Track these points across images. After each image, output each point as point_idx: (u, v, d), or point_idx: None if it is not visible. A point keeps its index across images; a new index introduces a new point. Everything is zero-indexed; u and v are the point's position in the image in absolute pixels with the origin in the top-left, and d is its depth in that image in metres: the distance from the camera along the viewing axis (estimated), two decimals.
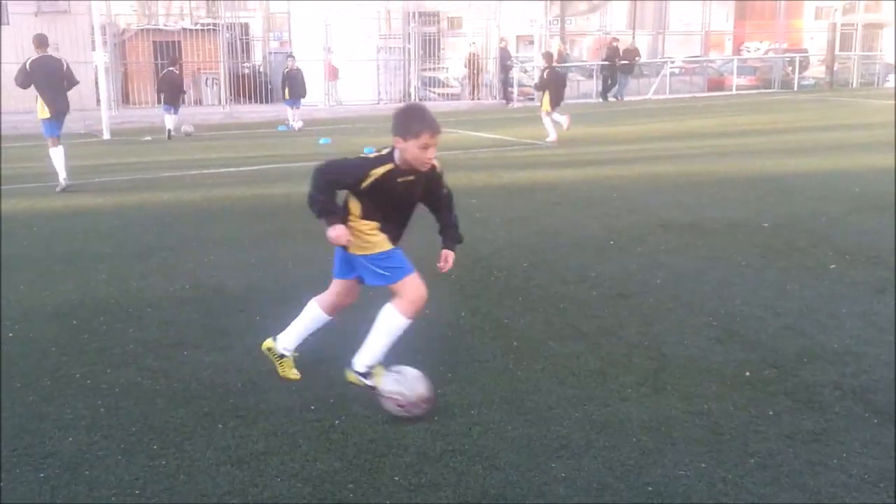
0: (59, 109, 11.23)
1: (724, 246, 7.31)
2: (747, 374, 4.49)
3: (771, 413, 4.03)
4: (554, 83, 15.88)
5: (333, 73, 24.59)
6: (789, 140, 15.23)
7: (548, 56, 16.94)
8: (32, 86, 11.10)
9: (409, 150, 3.98)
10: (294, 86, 20.11)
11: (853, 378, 4.42)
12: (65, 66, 11.39)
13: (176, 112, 19.04)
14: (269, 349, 4.56)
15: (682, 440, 3.77)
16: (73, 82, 11.48)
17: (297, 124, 19.80)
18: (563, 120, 15.58)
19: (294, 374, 4.55)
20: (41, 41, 11.38)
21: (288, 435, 3.88)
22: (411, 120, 4.00)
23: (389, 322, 4.19)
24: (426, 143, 3.96)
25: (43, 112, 11.14)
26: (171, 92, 19.06)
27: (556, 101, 15.74)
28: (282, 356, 4.53)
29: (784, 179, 10.72)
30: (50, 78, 11.14)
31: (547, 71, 16.07)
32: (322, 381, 4.48)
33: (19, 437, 3.90)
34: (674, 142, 15.38)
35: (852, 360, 4.67)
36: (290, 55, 21.51)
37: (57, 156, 11.18)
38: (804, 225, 8.06)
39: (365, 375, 4.22)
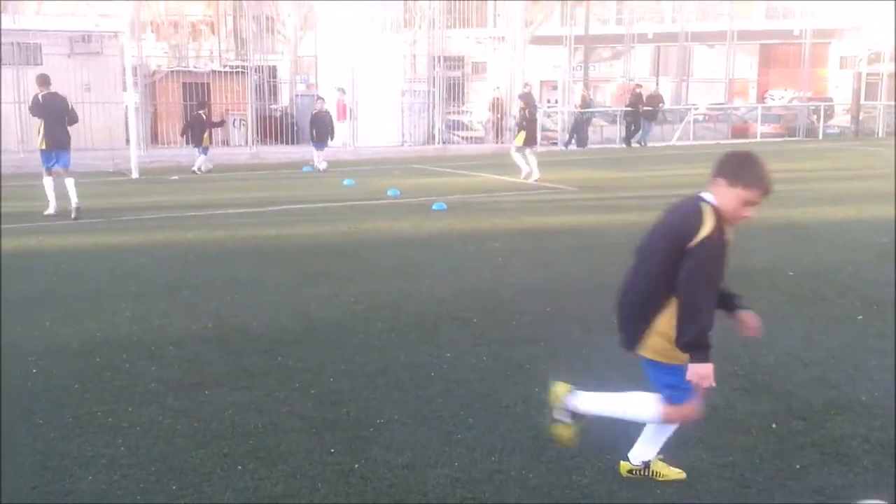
0: (55, 144, 12.19)
1: (750, 294, 7.17)
2: (774, 425, 4.42)
3: (798, 466, 3.96)
4: (532, 123, 17.25)
5: (345, 113, 24.70)
6: (814, 188, 15.15)
7: (526, 97, 18.20)
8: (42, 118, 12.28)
9: (733, 199, 3.51)
10: (321, 128, 20.33)
11: (881, 431, 4.34)
12: (69, 105, 12.51)
13: (205, 153, 19.44)
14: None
15: (707, 493, 3.70)
16: (73, 120, 12.56)
17: (322, 165, 19.99)
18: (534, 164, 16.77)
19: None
20: (44, 80, 12.53)
21: (308, 478, 3.86)
22: (749, 167, 3.54)
23: (643, 406, 3.68)
24: (753, 200, 3.52)
25: (41, 144, 12.30)
26: (198, 133, 19.50)
27: (531, 140, 17.08)
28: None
29: (809, 228, 10.65)
30: (54, 113, 12.20)
31: (527, 111, 17.31)
32: (342, 424, 4.46)
33: (40, 474, 3.90)
34: (698, 188, 15.32)
35: (881, 412, 4.59)
36: (319, 97, 21.74)
37: (48, 185, 12.33)
38: (830, 274, 7.98)
39: (574, 415, 3.76)
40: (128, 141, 20.68)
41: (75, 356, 5.65)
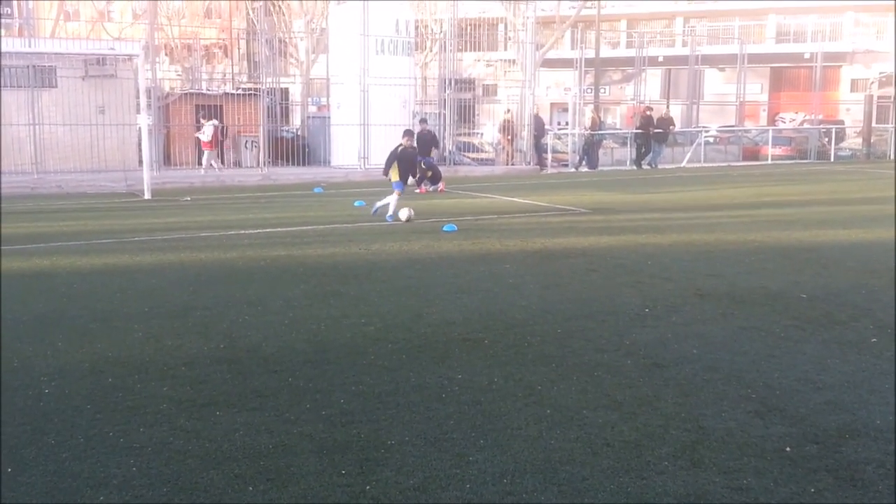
0: None
1: (762, 317, 7.21)
2: (788, 449, 4.39)
3: (812, 490, 3.92)
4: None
5: (207, 144, 24.63)
6: (826, 211, 15.11)
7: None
8: None
9: None
10: (423, 146, 20.65)
11: None
12: None
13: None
14: None
15: None
16: None
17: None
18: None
19: None
20: None
21: (318, 499, 3.84)
22: None
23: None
24: None
25: None
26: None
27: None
28: None
29: (822, 250, 10.61)
30: None
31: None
32: (353, 445, 4.45)
33: (51, 495, 3.90)
34: (709, 210, 15.34)
35: None
36: (423, 119, 22.38)
37: None
38: (843, 297, 7.94)
39: None
40: (140, 162, 20.84)
41: (87, 376, 5.66)
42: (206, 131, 24.19)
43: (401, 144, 14.92)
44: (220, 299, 8.00)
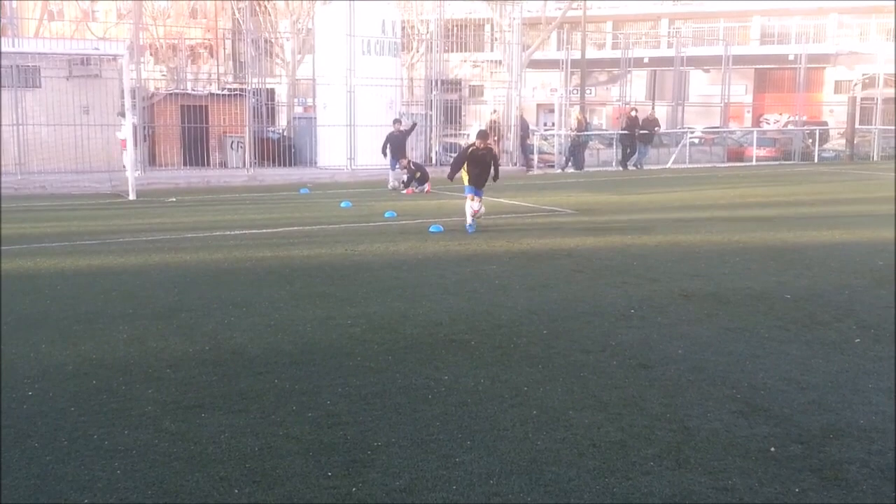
0: None
1: (747, 317, 7.25)
2: (772, 449, 4.41)
3: (797, 490, 3.95)
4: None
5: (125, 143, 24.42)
6: (810, 212, 15.21)
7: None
8: None
9: None
10: (395, 148, 20.89)
11: (880, 456, 4.33)
12: None
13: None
14: None
15: None
16: None
17: (393, 184, 20.55)
18: None
19: None
20: None
21: (305, 501, 3.83)
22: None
23: None
24: None
25: None
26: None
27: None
28: None
29: (805, 251, 10.68)
30: None
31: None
32: (339, 447, 4.44)
33: (35, 497, 3.88)
34: (694, 211, 15.40)
35: (879, 437, 4.58)
36: (397, 119, 22.37)
37: None
38: (827, 298, 7.99)
39: None
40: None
41: (71, 378, 5.62)
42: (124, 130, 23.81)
43: (472, 145, 13.22)
44: (206, 301, 7.97)
